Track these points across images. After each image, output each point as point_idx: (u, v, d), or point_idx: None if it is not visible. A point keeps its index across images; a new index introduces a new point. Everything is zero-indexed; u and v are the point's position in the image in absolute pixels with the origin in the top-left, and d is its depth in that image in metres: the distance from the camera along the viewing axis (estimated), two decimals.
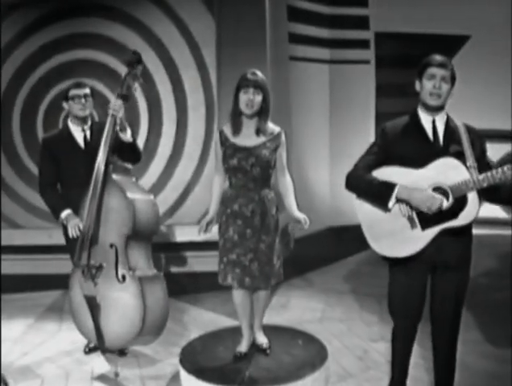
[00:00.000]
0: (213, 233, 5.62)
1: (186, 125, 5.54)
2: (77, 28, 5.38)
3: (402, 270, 3.05)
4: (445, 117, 3.02)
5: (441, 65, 2.94)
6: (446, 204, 2.85)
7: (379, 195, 2.96)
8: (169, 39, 5.39)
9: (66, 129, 4.00)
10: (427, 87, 2.95)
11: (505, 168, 2.79)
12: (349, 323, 4.41)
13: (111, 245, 3.65)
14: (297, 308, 4.74)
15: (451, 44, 5.96)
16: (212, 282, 5.17)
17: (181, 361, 3.60)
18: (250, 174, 3.45)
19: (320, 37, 6.19)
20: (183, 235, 5.53)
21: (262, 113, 3.45)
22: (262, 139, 3.47)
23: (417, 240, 2.92)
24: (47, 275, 5.37)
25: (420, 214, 2.90)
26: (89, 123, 3.98)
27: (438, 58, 3.00)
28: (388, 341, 4.06)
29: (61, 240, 5.41)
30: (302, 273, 5.50)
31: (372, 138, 6.31)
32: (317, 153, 6.51)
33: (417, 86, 3.01)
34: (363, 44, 6.30)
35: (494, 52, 5.86)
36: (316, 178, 6.61)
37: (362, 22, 6.26)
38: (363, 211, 3.02)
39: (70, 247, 3.98)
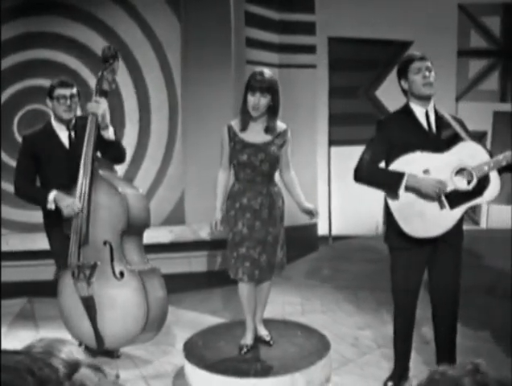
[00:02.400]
0: (179, 234, 5.62)
1: (149, 125, 5.49)
2: (35, 27, 5.20)
3: (405, 251, 3.26)
4: (433, 107, 3.27)
5: (422, 58, 3.23)
6: (472, 184, 3.08)
7: (389, 184, 3.17)
8: (132, 39, 5.33)
9: (49, 126, 3.82)
10: (417, 80, 3.19)
11: None
12: (331, 314, 4.55)
13: (104, 242, 3.58)
14: (276, 303, 4.80)
15: (396, 49, 6.30)
16: (187, 283, 5.21)
17: (187, 357, 3.59)
18: (259, 169, 3.52)
19: (271, 42, 6.33)
20: (148, 237, 5.44)
21: (271, 112, 3.52)
22: (271, 136, 3.55)
23: (447, 219, 3.14)
24: (8, 283, 5.12)
25: (448, 195, 3.11)
26: (73, 121, 3.84)
27: (417, 53, 3.29)
28: (374, 328, 4.30)
29: (19, 247, 5.23)
30: None
31: (320, 139, 6.59)
32: None
33: (404, 85, 3.26)
34: (309, 49, 6.49)
35: (435, 57, 6.24)
36: None
37: (309, 28, 6.47)
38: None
39: (57, 251, 3.85)
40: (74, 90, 3.76)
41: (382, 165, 3.27)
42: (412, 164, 3.15)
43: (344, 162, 6.47)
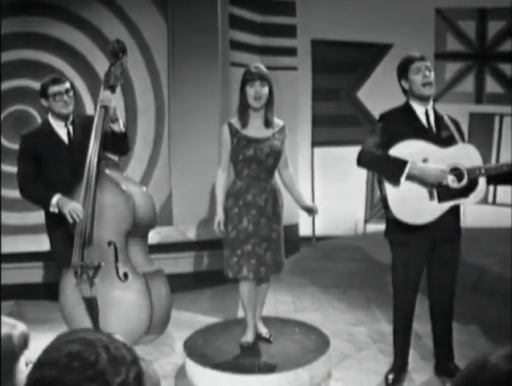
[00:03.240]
0: (166, 235, 5.60)
1: (135, 126, 5.46)
2: (20, 27, 5.12)
3: (405, 247, 3.34)
4: (432, 107, 3.37)
5: (422, 58, 3.31)
6: (462, 183, 3.18)
7: (392, 170, 3.21)
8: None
9: (47, 124, 3.80)
10: (417, 80, 3.27)
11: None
12: (324, 312, 4.60)
13: (109, 243, 3.55)
14: (268, 302, 4.74)
15: (376, 52, 6.42)
16: (174, 284, 5.16)
17: (189, 356, 3.60)
18: (265, 164, 3.56)
19: (253, 44, 6.37)
20: None
21: (269, 105, 3.57)
22: (271, 131, 3.59)
23: (433, 210, 3.23)
24: None
25: (439, 188, 3.21)
26: (71, 118, 3.82)
27: (416, 53, 3.36)
28: (367, 324, 4.38)
29: (4, 249, 5.13)
30: None
31: (303, 140, 6.64)
32: None
33: (404, 85, 3.34)
34: (291, 52, 6.55)
35: None
36: None
37: (290, 31, 6.53)
38: None
39: (58, 251, 3.82)
40: (67, 84, 3.74)
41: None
42: (414, 150, 3.22)
43: (326, 163, 6.58)
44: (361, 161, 3.29)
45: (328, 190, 6.49)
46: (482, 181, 3.23)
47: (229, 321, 4.26)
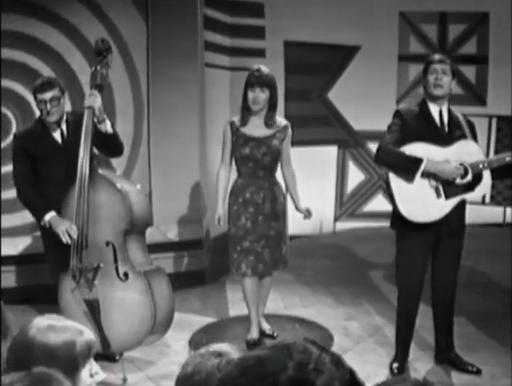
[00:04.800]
0: (147, 236, 5.54)
1: (114, 126, 5.36)
2: None
3: (410, 240, 3.46)
4: (448, 107, 3.52)
5: (441, 61, 3.46)
6: (466, 179, 3.33)
7: (408, 167, 3.35)
8: (96, 38, 5.20)
9: (40, 123, 3.74)
10: (430, 80, 3.45)
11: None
12: (314, 308, 4.66)
13: (107, 243, 3.51)
14: None
15: (345, 53, 6.56)
16: None
17: None
18: (261, 162, 3.63)
19: (224, 45, 6.39)
20: None
21: (270, 107, 3.64)
22: (271, 130, 3.66)
23: (441, 207, 3.38)
24: None
25: (445, 185, 3.34)
26: (64, 118, 3.76)
27: (437, 56, 3.56)
28: (359, 319, 4.48)
29: None
30: None
31: None
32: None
33: (423, 82, 3.50)
34: (259, 53, 6.61)
35: (379, 61, 6.58)
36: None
37: (259, 32, 6.59)
38: (396, 180, 3.38)
39: (52, 254, 3.74)
40: (55, 91, 3.65)
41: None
42: (416, 152, 3.35)
43: (298, 162, 6.64)
44: (379, 158, 3.41)
45: (299, 190, 6.56)
46: (487, 174, 3.39)
47: (227, 319, 4.27)
